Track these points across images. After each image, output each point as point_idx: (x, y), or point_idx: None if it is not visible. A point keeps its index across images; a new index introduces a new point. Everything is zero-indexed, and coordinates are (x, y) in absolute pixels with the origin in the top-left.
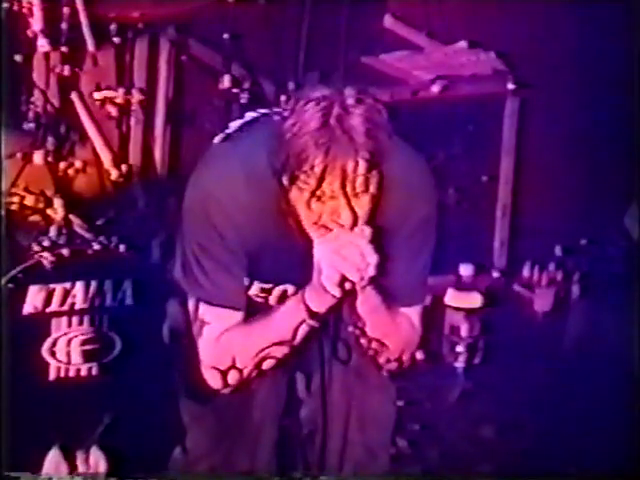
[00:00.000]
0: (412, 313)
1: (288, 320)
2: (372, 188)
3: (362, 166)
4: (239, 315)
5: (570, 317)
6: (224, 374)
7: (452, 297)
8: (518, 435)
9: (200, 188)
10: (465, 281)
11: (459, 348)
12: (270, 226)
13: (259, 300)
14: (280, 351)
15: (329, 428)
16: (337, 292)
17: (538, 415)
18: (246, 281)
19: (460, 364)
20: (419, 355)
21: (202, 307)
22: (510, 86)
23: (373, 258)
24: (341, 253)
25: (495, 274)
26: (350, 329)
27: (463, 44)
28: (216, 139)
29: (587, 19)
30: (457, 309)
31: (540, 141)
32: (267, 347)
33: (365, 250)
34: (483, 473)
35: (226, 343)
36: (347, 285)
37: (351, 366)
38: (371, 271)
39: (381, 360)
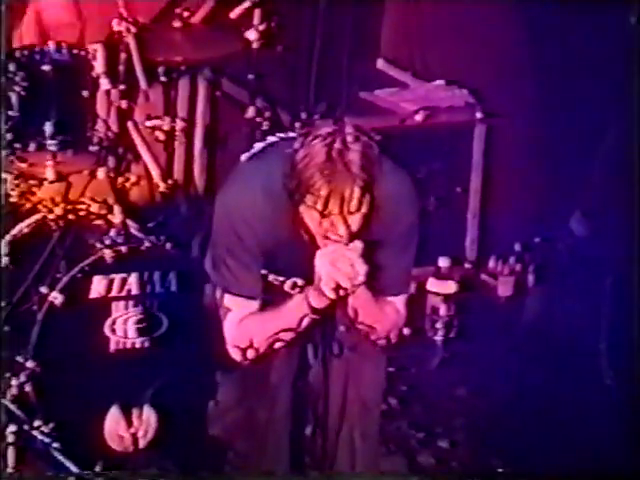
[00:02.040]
0: (398, 301)
1: (295, 313)
2: (364, 208)
3: (357, 192)
4: (256, 304)
5: (527, 300)
6: (244, 351)
7: (432, 284)
8: (486, 395)
9: (227, 201)
10: (443, 271)
11: (438, 325)
12: (283, 232)
13: (277, 284)
14: (288, 336)
15: (331, 389)
16: (333, 295)
17: (503, 379)
18: (264, 272)
19: (439, 338)
20: (406, 331)
21: (226, 297)
22: (478, 115)
23: (362, 269)
24: (336, 265)
25: (467, 266)
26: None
27: (441, 82)
28: (242, 157)
29: (546, 58)
30: (436, 294)
31: (502, 160)
32: (278, 332)
33: (356, 263)
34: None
35: (245, 327)
36: (341, 291)
37: (349, 341)
38: (360, 279)
39: (373, 338)
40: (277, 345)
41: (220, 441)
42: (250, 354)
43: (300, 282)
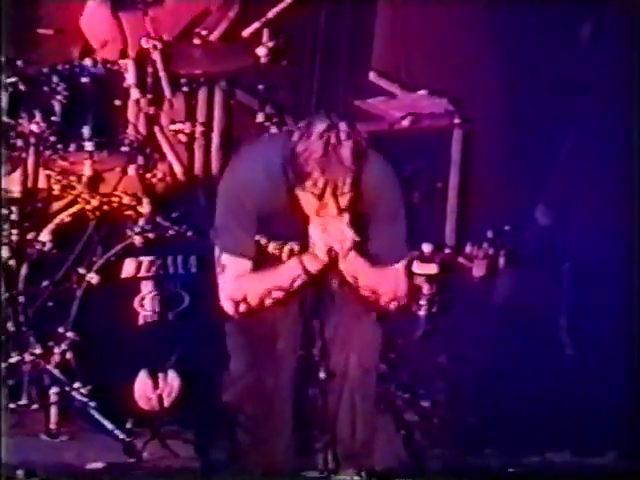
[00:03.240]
0: (399, 267)
1: (289, 273)
2: (353, 191)
3: (348, 181)
4: (249, 263)
5: (498, 280)
6: (237, 304)
7: (417, 266)
8: (463, 361)
9: (232, 175)
10: (426, 255)
11: (422, 301)
12: (279, 205)
13: (275, 253)
14: (279, 294)
15: (333, 356)
16: (325, 258)
17: (477, 348)
18: (264, 241)
19: (423, 312)
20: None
21: (224, 255)
22: (456, 121)
23: (350, 234)
24: (327, 231)
25: (447, 250)
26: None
27: (424, 92)
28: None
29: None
30: (420, 275)
31: (477, 159)
32: (270, 290)
33: (344, 229)
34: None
35: (241, 283)
36: (332, 253)
37: (351, 312)
38: (349, 243)
39: (382, 302)
40: (268, 302)
41: (232, 405)
42: (242, 308)
43: (296, 248)
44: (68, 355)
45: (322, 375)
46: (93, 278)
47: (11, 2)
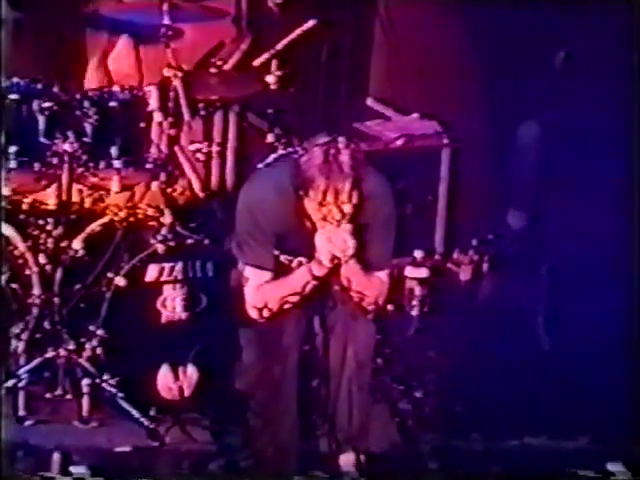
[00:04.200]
0: (383, 274)
1: (300, 280)
2: (354, 199)
3: (348, 186)
4: (269, 274)
5: (482, 283)
6: (260, 310)
7: (410, 271)
8: (451, 356)
9: (247, 197)
10: (418, 261)
11: (414, 302)
12: (291, 220)
13: (286, 263)
14: (295, 298)
15: (333, 350)
16: (329, 264)
17: (464, 344)
18: (276, 253)
19: (415, 312)
20: (390, 307)
21: (247, 269)
22: (445, 141)
23: (352, 243)
24: (332, 240)
25: (436, 257)
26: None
27: (416, 115)
28: (259, 165)
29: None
30: (413, 278)
31: (464, 175)
32: (287, 295)
33: (347, 238)
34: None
35: (261, 292)
36: (336, 260)
37: (348, 311)
38: (351, 251)
39: (365, 304)
40: (286, 306)
41: (244, 393)
42: (265, 313)
43: (304, 260)
44: (98, 350)
45: (323, 367)
46: (120, 282)
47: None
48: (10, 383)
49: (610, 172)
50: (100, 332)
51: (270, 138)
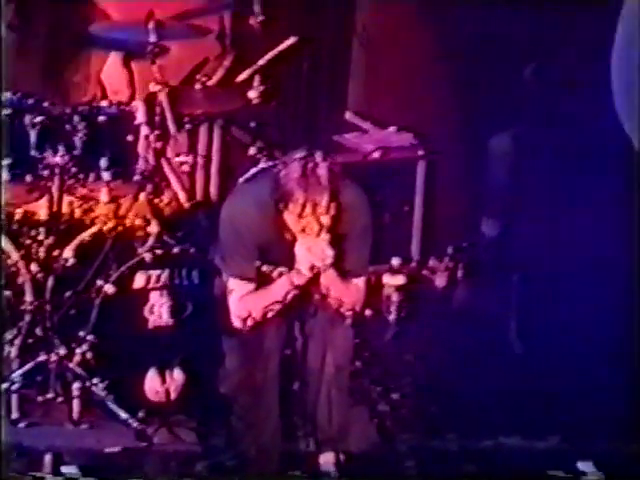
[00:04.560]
0: (360, 282)
1: (281, 289)
2: (332, 211)
3: (325, 199)
4: (252, 285)
5: (457, 289)
6: (244, 320)
7: (387, 278)
8: (427, 360)
9: (229, 212)
10: (395, 268)
11: (392, 308)
12: (272, 232)
13: (268, 273)
14: (277, 307)
15: (312, 355)
16: (309, 273)
17: (439, 348)
18: (258, 264)
19: (392, 317)
20: (368, 312)
21: (230, 280)
22: (420, 153)
23: (330, 253)
24: (311, 250)
25: (413, 264)
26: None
27: (393, 128)
28: (240, 180)
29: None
30: (390, 285)
31: (438, 185)
32: (269, 305)
33: (325, 248)
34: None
35: (245, 302)
36: (315, 269)
37: (326, 317)
38: (329, 261)
39: (343, 310)
40: (269, 315)
41: (227, 397)
42: (249, 323)
43: (285, 270)
44: (88, 355)
45: (304, 371)
46: (109, 289)
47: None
48: (3, 386)
49: (583, 182)
50: (90, 337)
51: (252, 151)
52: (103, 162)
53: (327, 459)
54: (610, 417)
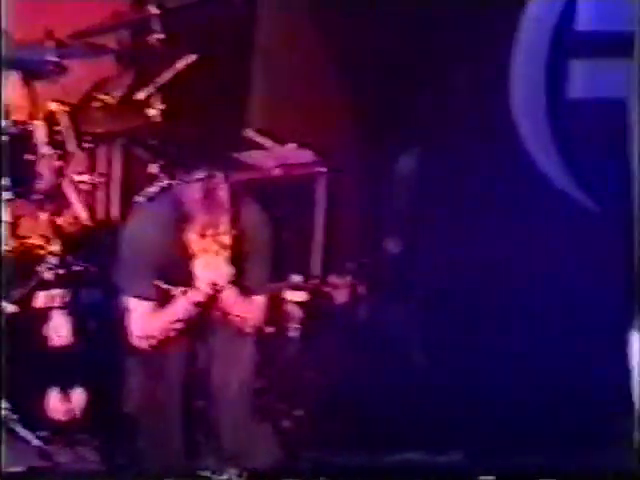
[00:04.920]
0: (260, 299)
1: (182, 308)
2: (232, 232)
3: (226, 220)
4: (151, 304)
5: (359, 305)
6: (145, 340)
7: (289, 294)
8: (329, 375)
9: (129, 232)
10: (297, 285)
11: (293, 324)
12: (172, 251)
13: (168, 292)
14: (178, 326)
15: (215, 372)
16: (209, 291)
17: (341, 363)
18: (158, 283)
19: (294, 334)
20: (270, 329)
21: (130, 300)
22: (321, 169)
23: (228, 270)
24: (211, 269)
25: (314, 281)
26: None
27: (293, 145)
28: (139, 199)
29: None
30: (292, 301)
31: (341, 202)
32: (170, 324)
33: (225, 266)
34: None
35: (145, 322)
36: (215, 287)
37: (228, 334)
38: (228, 278)
39: (244, 328)
40: (170, 334)
41: (131, 416)
42: (150, 342)
43: (185, 289)
44: None
45: (206, 388)
46: (10, 308)
47: None
48: None
49: (485, 199)
50: None
51: (154, 169)
52: (5, 181)
53: (231, 476)
54: (512, 432)
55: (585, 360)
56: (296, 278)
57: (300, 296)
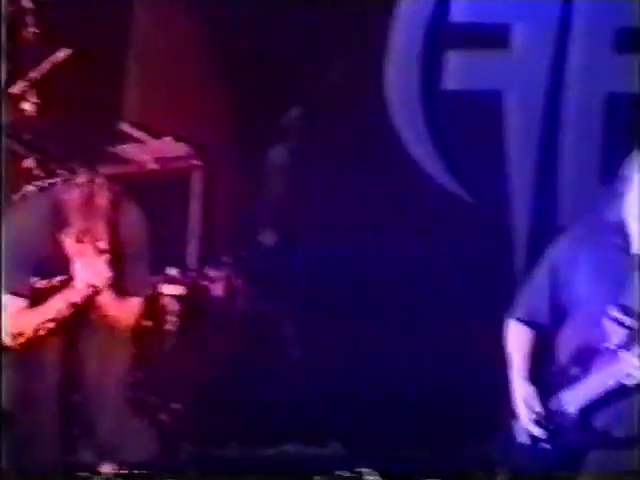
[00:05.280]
0: (138, 297)
1: (56, 307)
2: (109, 236)
3: (103, 226)
4: (25, 301)
5: (235, 298)
6: (15, 337)
7: (165, 288)
8: (207, 367)
9: (7, 230)
10: (173, 278)
11: (171, 318)
12: (49, 252)
13: (45, 290)
14: (51, 325)
15: (90, 367)
16: (86, 292)
17: (220, 354)
18: (34, 280)
19: (172, 327)
20: (147, 323)
21: (3, 296)
22: (196, 163)
23: (106, 271)
24: (87, 270)
25: (191, 274)
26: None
27: (169, 138)
28: (16, 198)
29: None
30: (168, 295)
31: (216, 195)
32: (43, 322)
33: (101, 267)
34: None
35: (17, 319)
36: (92, 288)
37: (105, 330)
38: (105, 279)
39: (121, 325)
40: (42, 332)
41: (8, 412)
42: (21, 340)
43: (62, 287)
44: None
45: (82, 384)
46: None
47: None
48: None
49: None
50: None
51: (29, 163)
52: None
53: (107, 470)
54: (391, 425)
55: (457, 354)
56: (173, 272)
57: (177, 290)
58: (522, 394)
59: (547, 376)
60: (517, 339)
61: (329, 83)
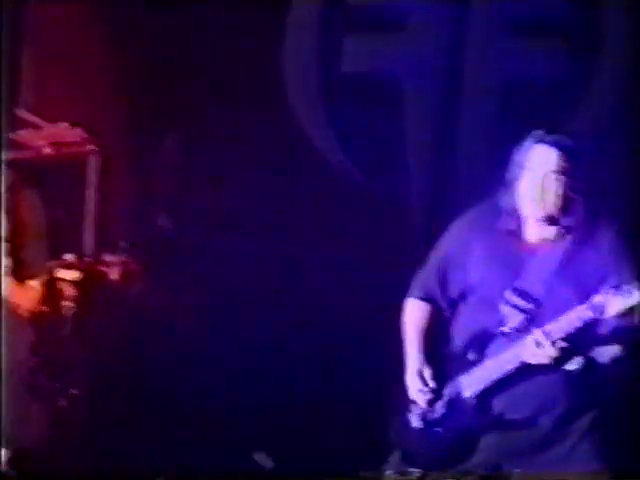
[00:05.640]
0: (35, 282)
1: None
2: (7, 223)
3: (3, 214)
4: None
5: (133, 283)
6: None
7: (62, 273)
8: (105, 353)
9: None
10: (69, 263)
11: (67, 303)
12: None
13: None
14: None
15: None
16: None
17: (117, 341)
18: None
19: (68, 312)
20: (45, 308)
21: None
22: (91, 147)
23: (5, 261)
24: None
25: (87, 259)
26: None
27: (65, 124)
28: None
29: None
30: (65, 280)
31: (111, 180)
32: None
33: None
34: None
35: None
36: None
37: (3, 318)
38: (5, 269)
39: (21, 311)
40: None
41: None
42: None
43: None
44: None
45: None
46: None
47: None
48: None
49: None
50: None
51: None
52: None
53: (2, 456)
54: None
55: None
56: (69, 257)
57: (73, 275)
58: (414, 366)
59: (443, 361)
60: (412, 315)
61: (225, 69)
